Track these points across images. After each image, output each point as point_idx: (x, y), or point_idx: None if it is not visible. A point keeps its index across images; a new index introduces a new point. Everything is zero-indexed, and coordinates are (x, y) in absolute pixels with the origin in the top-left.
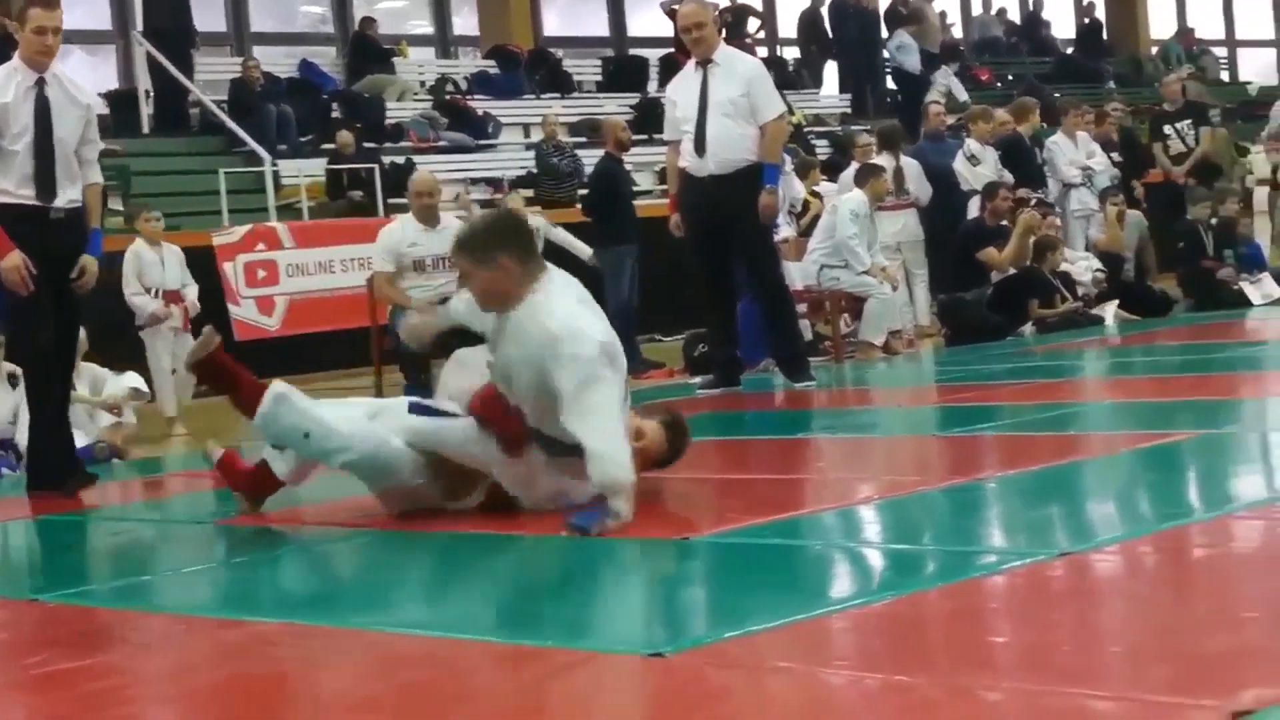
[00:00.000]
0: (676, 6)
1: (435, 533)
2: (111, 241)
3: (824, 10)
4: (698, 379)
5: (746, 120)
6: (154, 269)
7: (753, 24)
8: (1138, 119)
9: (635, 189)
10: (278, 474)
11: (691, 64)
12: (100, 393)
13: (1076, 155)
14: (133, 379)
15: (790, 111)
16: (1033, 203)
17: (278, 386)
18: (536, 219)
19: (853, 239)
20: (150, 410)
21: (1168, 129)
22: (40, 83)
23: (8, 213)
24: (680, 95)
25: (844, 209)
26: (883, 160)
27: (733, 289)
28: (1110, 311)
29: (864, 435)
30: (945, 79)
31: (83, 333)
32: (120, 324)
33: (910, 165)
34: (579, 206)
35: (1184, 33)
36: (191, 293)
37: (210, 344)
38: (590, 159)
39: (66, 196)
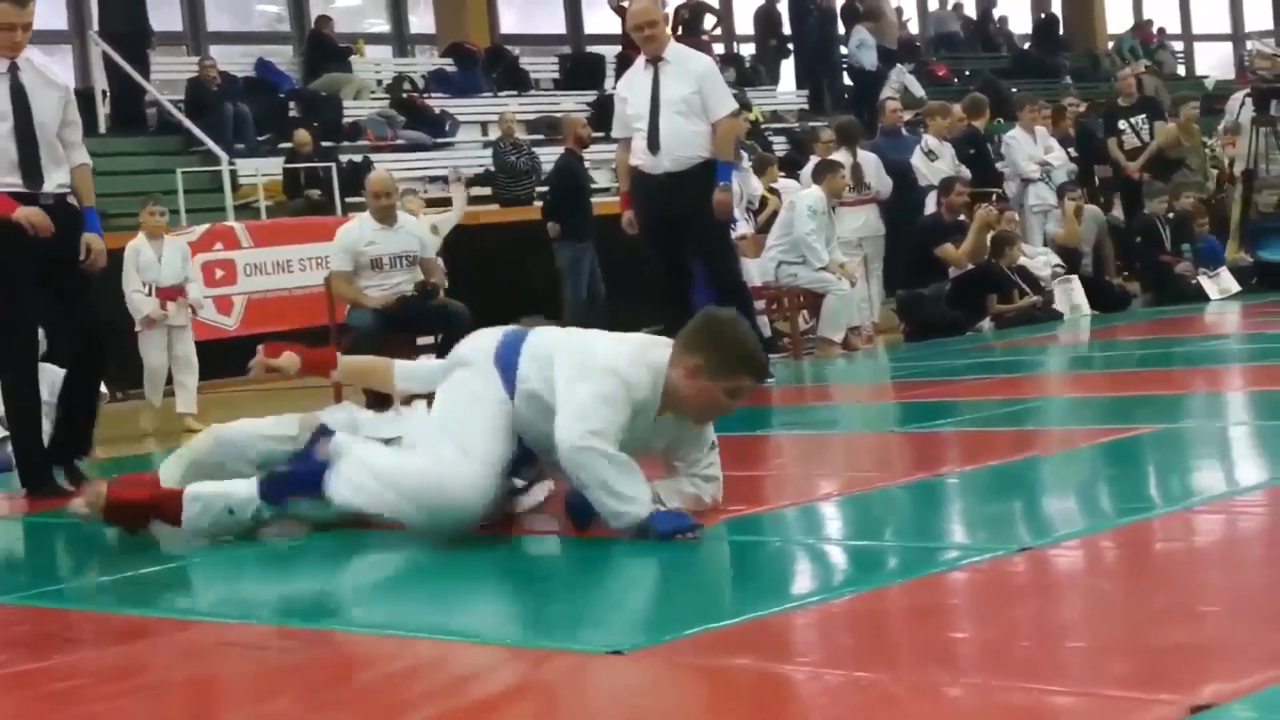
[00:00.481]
0: (625, 4)
1: (390, 531)
2: None
3: (780, 7)
4: None
5: (699, 118)
6: (151, 266)
7: (709, 21)
8: (1094, 114)
9: (593, 186)
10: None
11: (641, 61)
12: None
13: (1034, 150)
14: None
15: (747, 108)
16: (993, 199)
17: (189, 490)
18: (432, 218)
19: (810, 235)
20: (106, 411)
21: (1122, 123)
22: (13, 68)
23: None
24: (631, 93)
25: (801, 205)
26: (840, 155)
27: (688, 285)
28: (1074, 289)
29: (823, 431)
30: (900, 76)
31: (41, 333)
32: None
33: (869, 159)
34: (537, 204)
35: (1140, 27)
36: (195, 289)
37: (98, 503)
38: (548, 156)
39: (54, 181)
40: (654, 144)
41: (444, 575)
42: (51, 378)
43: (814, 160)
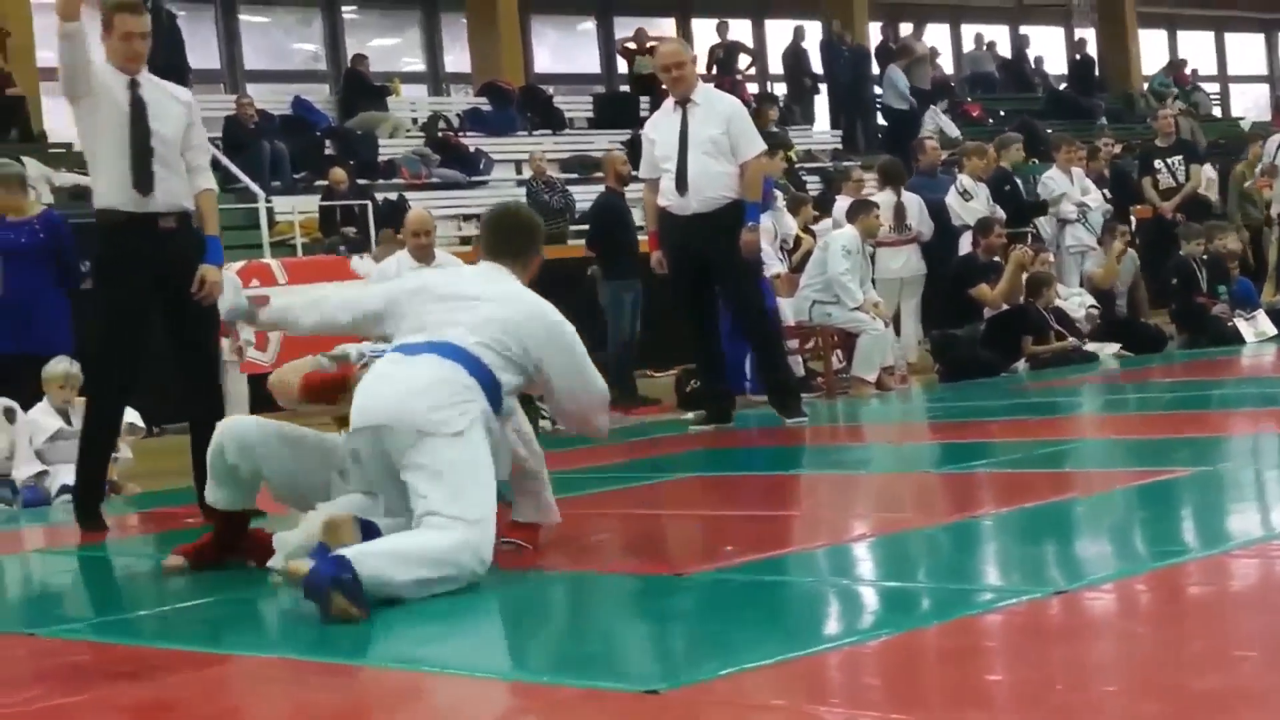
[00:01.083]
0: (631, 45)
1: None
2: None
3: (805, 44)
4: (689, 415)
5: (727, 159)
6: None
7: (743, 60)
8: (1130, 155)
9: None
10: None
11: (670, 103)
12: None
13: (1071, 191)
14: (129, 414)
15: (787, 147)
16: (1028, 239)
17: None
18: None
19: (845, 275)
20: (145, 446)
21: (1157, 163)
22: (134, 84)
23: (110, 219)
24: (660, 134)
25: (836, 245)
26: (884, 195)
27: (715, 327)
28: (1109, 352)
29: (857, 472)
30: (934, 117)
31: (76, 366)
32: None
33: (912, 200)
34: (571, 243)
35: (1175, 66)
36: (248, 329)
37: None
38: (582, 195)
39: (173, 202)
40: (682, 185)
41: (475, 612)
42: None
43: (845, 199)
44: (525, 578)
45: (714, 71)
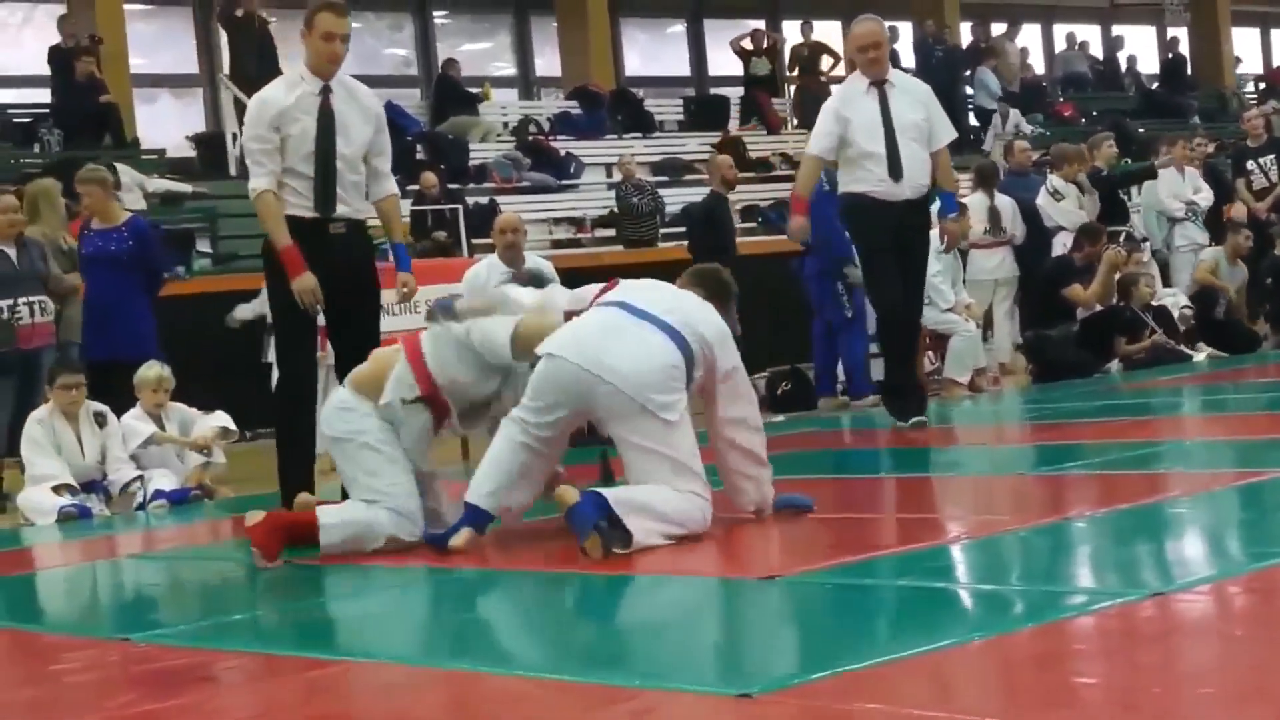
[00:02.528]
0: (747, 45)
1: (511, 570)
2: (201, 284)
3: (896, 46)
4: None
5: (926, 145)
6: None
7: (826, 62)
8: (1223, 154)
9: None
10: (321, 541)
11: (863, 83)
12: (189, 433)
13: (1182, 189)
14: (221, 418)
15: None
16: (1120, 238)
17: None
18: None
19: (937, 276)
20: (238, 450)
21: (1250, 164)
22: (325, 90)
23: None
24: (856, 114)
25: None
26: (978, 197)
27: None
28: (1203, 355)
29: (950, 474)
30: (1015, 118)
31: (168, 370)
32: (210, 364)
33: (1005, 203)
34: (662, 245)
35: (1271, 68)
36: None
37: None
38: (671, 197)
39: (349, 208)
40: (896, 171)
41: (565, 617)
42: (180, 415)
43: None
44: (617, 581)
45: (794, 72)
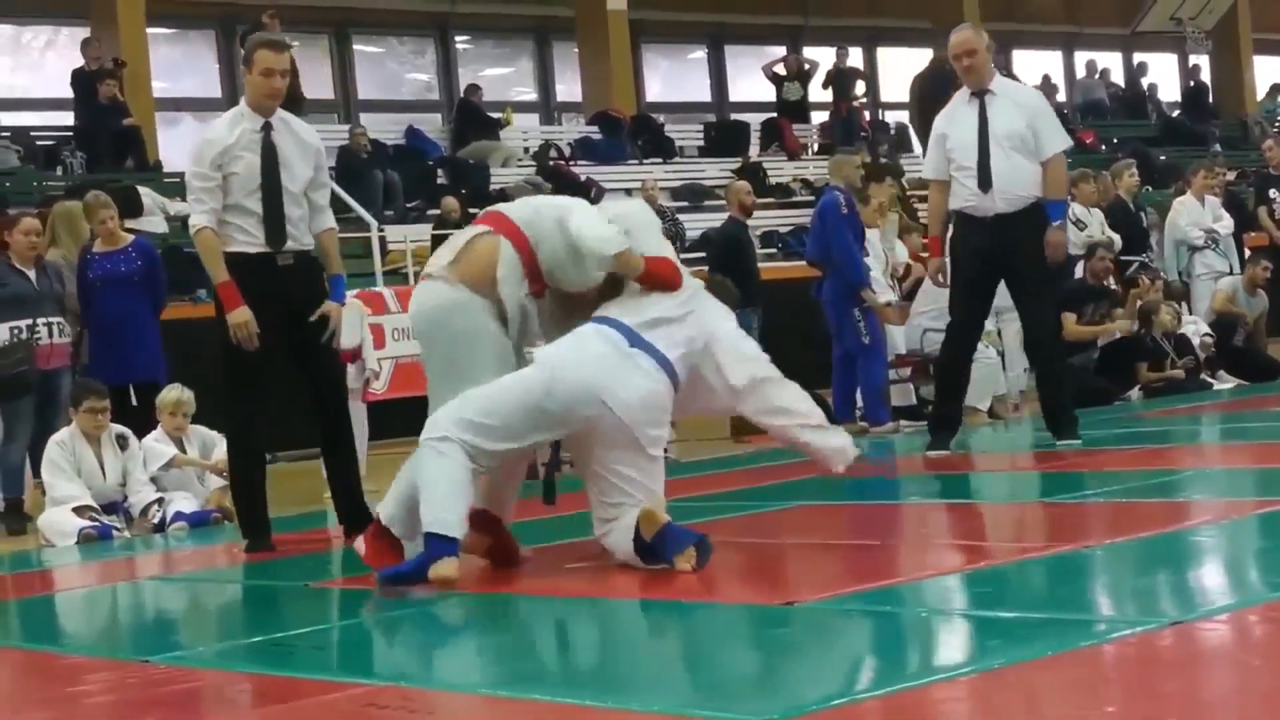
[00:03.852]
0: (780, 70)
1: (536, 596)
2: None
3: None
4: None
5: (1031, 155)
6: None
7: (860, 87)
8: (1244, 182)
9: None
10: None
11: (965, 94)
12: (210, 455)
13: (1202, 217)
14: None
15: (899, 174)
16: (1134, 267)
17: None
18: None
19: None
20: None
21: (1272, 192)
22: (266, 127)
23: (235, 262)
24: (954, 129)
25: None
26: None
27: (975, 344)
28: (1225, 384)
29: (969, 501)
30: None
31: (189, 393)
32: None
33: None
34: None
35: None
36: (370, 356)
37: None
38: (692, 223)
39: (296, 243)
40: (985, 182)
41: (589, 642)
42: (201, 438)
43: None
44: (638, 607)
45: (831, 95)
